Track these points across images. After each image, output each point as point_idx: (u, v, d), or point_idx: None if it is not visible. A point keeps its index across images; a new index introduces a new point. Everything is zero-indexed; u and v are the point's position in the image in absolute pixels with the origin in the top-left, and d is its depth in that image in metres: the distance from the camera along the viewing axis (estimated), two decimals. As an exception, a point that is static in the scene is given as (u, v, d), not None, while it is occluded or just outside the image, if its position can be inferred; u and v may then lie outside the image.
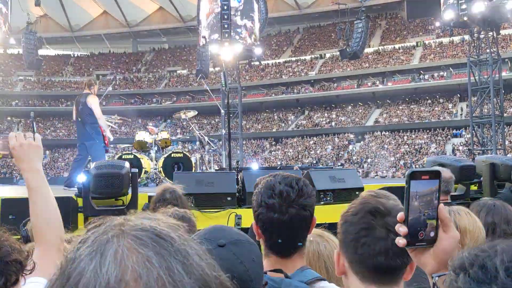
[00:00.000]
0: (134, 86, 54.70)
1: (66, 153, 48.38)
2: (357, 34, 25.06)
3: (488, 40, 20.43)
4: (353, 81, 46.53)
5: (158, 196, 3.21)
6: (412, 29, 50.15)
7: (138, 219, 0.61)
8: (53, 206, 1.74)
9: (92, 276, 0.53)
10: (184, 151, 9.37)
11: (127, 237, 0.56)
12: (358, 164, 37.68)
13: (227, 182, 5.51)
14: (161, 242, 0.56)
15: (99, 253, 0.55)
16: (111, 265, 0.53)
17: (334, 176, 5.66)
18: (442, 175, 1.14)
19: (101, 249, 0.55)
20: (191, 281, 0.54)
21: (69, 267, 0.55)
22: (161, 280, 0.52)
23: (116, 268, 0.53)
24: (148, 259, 0.54)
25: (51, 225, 1.71)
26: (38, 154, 1.77)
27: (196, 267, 0.56)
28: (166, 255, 0.55)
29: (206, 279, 0.56)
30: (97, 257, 0.54)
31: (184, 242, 0.58)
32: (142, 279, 0.52)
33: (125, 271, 0.53)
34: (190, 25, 52.83)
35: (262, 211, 1.62)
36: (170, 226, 0.60)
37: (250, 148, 45.29)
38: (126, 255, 0.54)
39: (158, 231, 0.58)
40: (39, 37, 26.10)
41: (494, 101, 20.06)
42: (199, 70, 25.12)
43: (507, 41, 40.66)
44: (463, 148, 34.62)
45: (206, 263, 0.58)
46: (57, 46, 61.15)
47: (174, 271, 0.54)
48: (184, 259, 0.56)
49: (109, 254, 0.54)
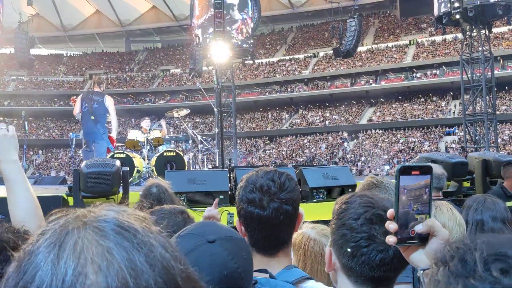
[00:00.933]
0: (127, 85, 54.52)
1: (59, 153, 48.14)
2: (350, 33, 25.07)
3: (480, 38, 20.50)
4: (347, 80, 46.61)
5: (145, 191, 3.21)
6: (405, 28, 50.30)
7: (101, 210, 0.58)
8: (31, 196, 1.72)
9: (49, 269, 0.51)
10: (176, 150, 9.32)
11: (88, 229, 0.54)
12: (352, 162, 37.76)
13: (219, 180, 5.49)
14: (123, 234, 0.54)
15: (58, 245, 0.52)
16: (69, 257, 0.51)
17: (326, 174, 5.64)
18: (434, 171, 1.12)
19: (60, 241, 0.53)
20: (154, 274, 0.52)
21: (26, 260, 0.53)
22: (121, 272, 0.51)
23: (75, 260, 0.51)
24: (109, 251, 0.52)
25: (31, 215, 1.68)
26: (13, 144, 1.73)
27: (160, 259, 0.54)
28: (128, 247, 0.53)
29: (171, 272, 0.54)
30: (55, 249, 0.52)
31: (148, 234, 0.56)
32: (102, 271, 0.50)
33: (84, 264, 0.50)
34: (183, 24, 52.76)
35: (243, 206, 1.57)
36: (136, 218, 0.58)
37: (244, 147, 45.28)
38: (85, 246, 0.52)
39: (120, 222, 0.56)
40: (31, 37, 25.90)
41: (487, 99, 20.15)
42: (192, 69, 25.03)
43: (499, 39, 40.88)
44: (456, 146, 34.78)
45: (171, 255, 0.56)
46: (49, 45, 60.87)
47: (136, 263, 0.52)
48: (148, 251, 0.54)
49: (68, 246, 0.52)
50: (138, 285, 0.51)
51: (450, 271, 0.68)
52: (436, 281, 0.69)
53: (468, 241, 0.72)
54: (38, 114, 50.45)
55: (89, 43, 61.83)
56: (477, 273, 0.64)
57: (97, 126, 7.79)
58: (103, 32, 61.34)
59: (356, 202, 1.33)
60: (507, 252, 0.65)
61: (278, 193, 1.54)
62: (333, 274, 1.36)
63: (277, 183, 1.56)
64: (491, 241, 0.69)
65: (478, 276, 0.64)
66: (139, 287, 0.51)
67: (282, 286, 1.42)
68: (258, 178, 1.58)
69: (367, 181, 2.58)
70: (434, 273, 0.72)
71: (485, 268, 0.64)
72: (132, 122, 45.46)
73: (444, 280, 0.68)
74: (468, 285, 0.64)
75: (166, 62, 58.09)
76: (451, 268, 0.68)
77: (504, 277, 0.62)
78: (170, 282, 0.54)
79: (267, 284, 1.37)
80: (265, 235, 1.54)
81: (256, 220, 1.54)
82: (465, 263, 0.67)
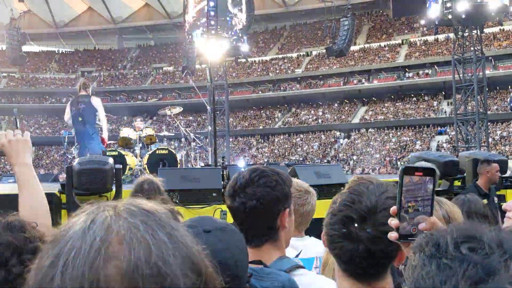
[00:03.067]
0: (120, 83, 54.27)
1: (51, 150, 47.88)
2: (343, 32, 25.18)
3: (472, 38, 20.64)
4: (339, 79, 46.71)
5: (137, 186, 3.22)
6: (398, 27, 50.50)
7: (129, 199, 0.66)
8: (41, 198, 1.80)
9: (80, 236, 0.57)
10: (169, 148, 9.31)
11: (118, 210, 0.61)
12: (344, 161, 37.89)
13: (212, 178, 5.50)
14: (149, 216, 0.61)
15: (90, 220, 0.60)
16: (98, 228, 0.58)
17: (319, 172, 5.67)
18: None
19: (92, 217, 0.60)
20: (174, 247, 0.58)
21: (61, 234, 0.60)
22: (145, 241, 0.57)
23: (103, 230, 0.57)
24: (135, 225, 0.58)
25: (39, 217, 1.72)
26: (26, 148, 1.84)
27: (180, 238, 0.61)
28: (153, 225, 0.60)
29: (190, 251, 0.60)
30: (87, 223, 0.59)
31: (170, 219, 0.63)
32: (126, 242, 0.56)
33: (111, 234, 0.57)
34: (176, 21, 52.55)
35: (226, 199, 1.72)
36: (162, 208, 0.66)
37: (237, 146, 45.28)
38: (114, 220, 0.59)
39: (147, 208, 0.63)
40: (23, 33, 25.76)
41: (478, 98, 20.31)
42: (185, 66, 25.01)
43: (490, 40, 41.16)
44: (448, 145, 34.99)
45: (189, 238, 0.63)
46: (41, 42, 60.41)
47: (159, 238, 0.58)
48: (170, 231, 0.60)
49: (98, 220, 0.59)
50: (160, 256, 0.56)
51: (425, 255, 0.73)
52: (413, 267, 0.74)
53: (441, 228, 0.79)
54: (29, 111, 50.14)
55: (81, 40, 61.48)
56: (448, 253, 0.70)
57: (85, 127, 7.91)
58: (95, 29, 60.96)
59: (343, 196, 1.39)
60: (475, 234, 0.71)
61: (242, 189, 1.65)
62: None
63: (244, 179, 1.66)
64: (461, 227, 0.75)
65: (450, 255, 0.69)
66: (160, 257, 0.56)
67: (276, 273, 1.48)
68: (239, 174, 1.70)
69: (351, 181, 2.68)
70: (411, 260, 0.76)
71: (455, 247, 0.70)
72: (124, 120, 45.26)
73: (419, 264, 0.72)
74: (440, 265, 0.69)
75: (158, 59, 57.89)
76: (426, 252, 0.73)
77: (473, 254, 0.68)
78: (188, 257, 0.59)
79: (261, 273, 1.43)
80: (241, 227, 1.60)
81: (231, 211, 1.69)
82: (438, 246, 0.72)
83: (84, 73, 55.89)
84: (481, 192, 4.99)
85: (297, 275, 1.59)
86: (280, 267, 1.58)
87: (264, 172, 1.67)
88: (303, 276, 1.61)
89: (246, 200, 1.62)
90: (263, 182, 1.64)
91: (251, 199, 1.62)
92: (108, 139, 8.91)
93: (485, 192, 4.93)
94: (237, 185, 1.65)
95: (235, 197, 1.65)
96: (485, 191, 4.95)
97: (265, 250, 1.66)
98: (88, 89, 8.24)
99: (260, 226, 1.65)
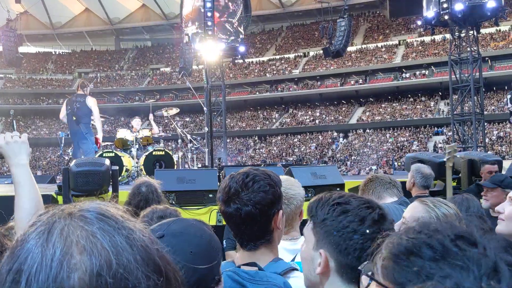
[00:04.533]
0: (117, 84, 54.21)
1: (48, 151, 47.79)
2: (340, 33, 25.17)
3: (468, 39, 20.68)
4: (337, 80, 46.78)
5: (134, 189, 3.21)
6: (395, 28, 50.58)
7: (84, 203, 0.65)
8: (37, 200, 1.81)
9: (39, 251, 0.56)
10: (166, 149, 9.32)
11: (74, 217, 0.60)
12: (341, 161, 37.93)
13: (208, 179, 5.51)
14: (105, 220, 0.61)
15: (46, 231, 0.59)
16: (57, 240, 0.57)
17: (315, 173, 5.69)
18: (422, 171, 1.14)
19: (48, 228, 0.59)
20: (133, 252, 0.58)
21: (18, 247, 0.59)
22: (104, 250, 0.57)
23: (62, 243, 0.57)
24: (93, 234, 0.58)
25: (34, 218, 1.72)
26: (23, 150, 1.86)
27: (139, 241, 0.61)
28: (110, 230, 0.59)
29: (149, 251, 0.61)
30: (44, 235, 0.58)
31: (127, 221, 0.63)
32: (87, 251, 0.56)
33: (70, 245, 0.56)
34: (173, 22, 52.55)
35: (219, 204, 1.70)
36: (115, 208, 0.65)
37: (235, 146, 45.27)
38: (71, 231, 0.58)
39: (102, 211, 0.62)
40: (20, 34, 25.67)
41: (475, 99, 20.32)
42: (182, 67, 24.97)
43: (487, 40, 41.27)
44: (445, 146, 35.02)
45: (148, 238, 0.63)
46: (38, 43, 60.34)
47: (117, 243, 0.58)
48: (128, 234, 0.60)
49: (56, 231, 0.58)
50: (120, 261, 0.57)
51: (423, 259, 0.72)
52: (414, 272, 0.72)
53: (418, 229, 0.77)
54: (26, 112, 50.05)
55: (78, 41, 61.41)
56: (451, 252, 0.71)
57: (79, 126, 7.96)
58: (92, 30, 60.91)
59: (353, 203, 1.33)
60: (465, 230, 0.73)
61: (237, 195, 1.62)
62: (320, 278, 1.34)
63: (238, 184, 1.64)
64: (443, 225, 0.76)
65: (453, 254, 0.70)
66: (121, 263, 0.56)
67: (270, 277, 1.49)
68: (229, 179, 1.68)
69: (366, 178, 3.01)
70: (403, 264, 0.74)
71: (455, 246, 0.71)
72: (121, 121, 45.22)
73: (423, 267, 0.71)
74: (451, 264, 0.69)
75: (156, 60, 57.86)
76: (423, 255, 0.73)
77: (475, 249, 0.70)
78: (149, 259, 0.60)
79: (256, 276, 1.43)
80: (236, 231, 1.62)
81: (225, 217, 1.67)
82: (433, 247, 0.72)
83: (81, 74, 55.79)
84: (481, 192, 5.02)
85: (292, 278, 1.60)
86: (275, 269, 1.58)
87: (256, 176, 1.66)
88: (299, 279, 1.59)
89: (241, 206, 1.60)
90: (257, 187, 1.63)
91: (246, 205, 1.60)
92: (104, 140, 8.92)
93: None
94: (231, 191, 1.63)
95: (229, 203, 1.63)
96: None
97: (259, 253, 1.66)
98: (85, 89, 8.29)
99: (255, 231, 1.65)
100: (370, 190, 3.10)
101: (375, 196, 3.02)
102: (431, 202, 2.11)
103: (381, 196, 3.04)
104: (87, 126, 8.02)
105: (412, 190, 4.14)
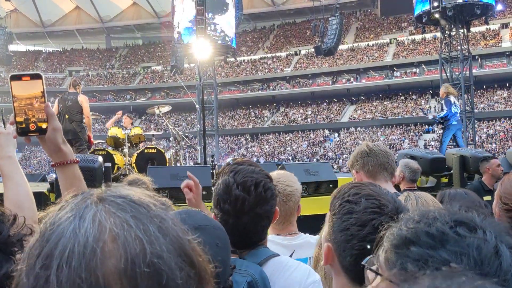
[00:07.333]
0: (108, 82, 53.95)
1: (38, 151, 47.45)
2: (331, 31, 25.25)
3: (459, 37, 20.81)
4: (328, 78, 46.90)
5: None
6: (386, 27, 50.80)
7: (115, 188, 0.63)
8: (25, 191, 1.77)
9: (71, 236, 0.55)
10: (158, 147, 9.28)
11: (105, 203, 0.59)
12: (333, 160, 38.04)
13: (202, 176, 5.49)
14: (138, 208, 0.59)
15: (78, 216, 0.57)
16: (89, 226, 0.55)
17: (308, 169, 5.69)
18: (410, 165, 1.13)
19: (80, 213, 0.57)
20: (166, 242, 0.57)
21: (49, 230, 0.57)
22: (138, 239, 0.55)
23: (95, 229, 0.55)
24: (126, 221, 0.57)
25: (24, 209, 1.69)
26: (9, 141, 1.81)
27: (171, 230, 0.59)
28: (143, 218, 0.58)
29: (181, 241, 0.59)
30: (76, 220, 0.57)
31: (159, 209, 0.61)
32: (120, 239, 0.55)
33: (103, 231, 0.55)
34: (165, 20, 52.38)
35: (218, 213, 1.60)
36: (147, 196, 0.63)
37: (227, 145, 45.24)
38: (104, 217, 0.56)
39: (135, 198, 0.61)
40: (10, 33, 25.52)
41: (465, 97, 20.47)
42: (174, 66, 24.92)
43: (477, 39, 41.57)
44: (435, 144, 35.27)
45: (180, 228, 0.61)
46: (28, 41, 59.90)
47: (151, 232, 0.57)
48: (160, 223, 0.59)
49: (88, 217, 0.57)
50: (154, 251, 0.55)
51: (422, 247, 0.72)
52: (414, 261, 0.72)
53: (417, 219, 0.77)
54: (16, 111, 49.57)
55: (68, 39, 61.02)
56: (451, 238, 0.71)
57: (72, 124, 7.98)
58: (83, 28, 60.57)
59: (361, 204, 1.28)
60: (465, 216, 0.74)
61: (253, 208, 1.56)
62: (329, 268, 1.35)
63: (252, 196, 1.56)
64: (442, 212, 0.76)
65: (453, 241, 0.70)
66: (155, 253, 0.55)
67: (248, 265, 1.48)
68: (234, 187, 1.57)
69: (361, 149, 2.70)
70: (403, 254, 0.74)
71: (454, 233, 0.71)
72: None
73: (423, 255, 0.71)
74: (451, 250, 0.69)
75: (147, 59, 57.66)
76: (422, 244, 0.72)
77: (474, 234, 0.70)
78: (180, 250, 0.58)
79: (234, 263, 1.42)
80: (236, 239, 1.55)
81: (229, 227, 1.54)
82: (432, 235, 0.72)
83: (71, 72, 55.45)
84: (485, 188, 5.08)
85: (271, 262, 1.58)
86: (255, 258, 1.56)
87: (265, 184, 1.61)
88: (276, 260, 1.60)
89: (253, 220, 1.57)
90: (270, 195, 1.61)
91: (262, 218, 1.59)
92: (96, 139, 8.89)
93: (488, 188, 5.00)
94: (246, 205, 1.55)
95: (242, 216, 1.56)
96: (489, 188, 5.02)
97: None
98: (77, 87, 8.32)
99: (254, 234, 1.62)
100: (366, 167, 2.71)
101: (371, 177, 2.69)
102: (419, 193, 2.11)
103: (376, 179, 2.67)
104: (79, 125, 8.05)
105: (401, 184, 4.31)
